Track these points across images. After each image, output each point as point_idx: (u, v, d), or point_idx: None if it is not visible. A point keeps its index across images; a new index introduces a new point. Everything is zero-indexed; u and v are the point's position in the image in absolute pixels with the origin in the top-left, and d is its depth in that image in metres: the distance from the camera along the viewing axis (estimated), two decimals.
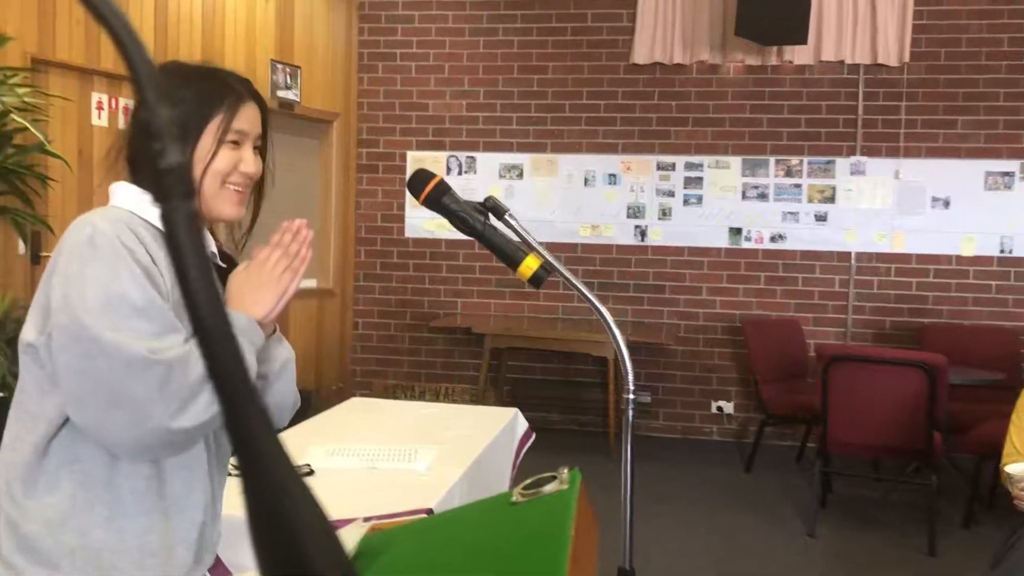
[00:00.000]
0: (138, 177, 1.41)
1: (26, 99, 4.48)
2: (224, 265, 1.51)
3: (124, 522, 1.31)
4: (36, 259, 4.86)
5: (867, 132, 6.38)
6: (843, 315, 6.43)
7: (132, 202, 1.38)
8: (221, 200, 1.43)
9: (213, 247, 1.52)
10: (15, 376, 3.96)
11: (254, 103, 1.46)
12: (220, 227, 1.54)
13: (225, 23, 5.82)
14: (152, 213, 1.35)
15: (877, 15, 6.20)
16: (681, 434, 6.68)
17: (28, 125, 4.30)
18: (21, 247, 4.79)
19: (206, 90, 1.40)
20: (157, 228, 1.34)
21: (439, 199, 1.53)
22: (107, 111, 5.17)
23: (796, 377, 5.91)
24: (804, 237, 6.46)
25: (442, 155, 6.94)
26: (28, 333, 1.31)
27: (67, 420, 1.29)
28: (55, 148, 4.55)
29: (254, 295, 1.40)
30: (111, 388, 1.19)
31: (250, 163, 1.45)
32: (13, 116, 4.30)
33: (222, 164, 1.41)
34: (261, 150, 1.51)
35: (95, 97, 5.12)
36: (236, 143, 1.43)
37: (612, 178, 6.70)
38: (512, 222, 1.53)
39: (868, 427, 4.44)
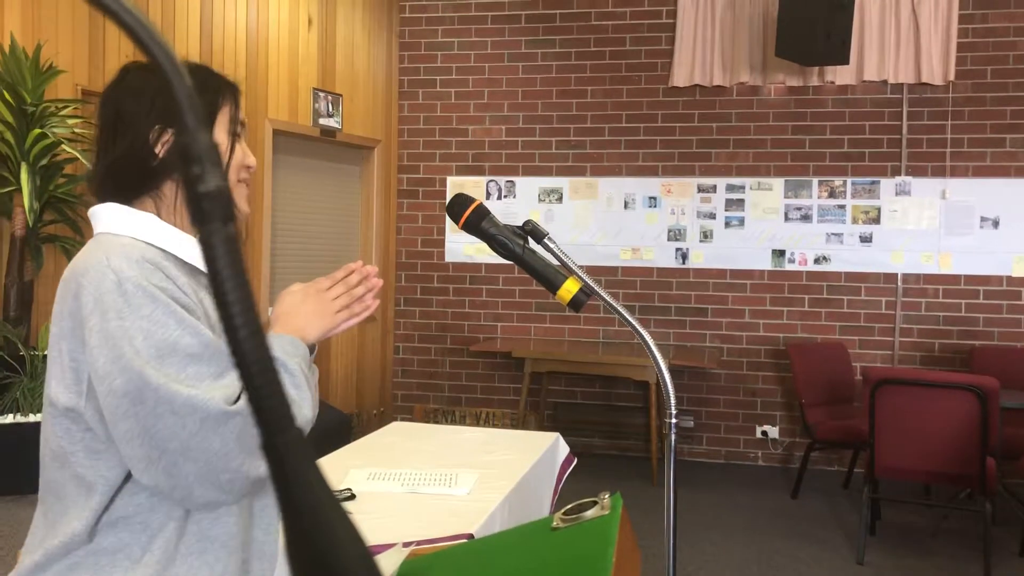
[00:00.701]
0: (125, 195, 1.31)
1: (76, 130, 4.60)
2: None
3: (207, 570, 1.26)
4: None
5: (912, 152, 6.29)
6: (890, 338, 6.31)
7: (130, 226, 1.28)
8: (238, 195, 1.37)
9: None
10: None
11: (239, 93, 1.39)
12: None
13: (268, 52, 5.93)
14: (157, 234, 1.27)
15: (920, 34, 6.13)
16: (725, 459, 6.58)
17: (78, 155, 4.41)
18: None
19: (207, 85, 1.33)
20: (165, 251, 1.27)
21: (478, 223, 1.54)
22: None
23: (843, 401, 5.80)
24: (849, 258, 6.37)
25: (482, 180, 6.97)
26: (61, 396, 1.21)
27: (127, 480, 1.22)
28: None
29: (305, 320, 1.35)
30: (184, 444, 1.13)
31: (251, 156, 1.40)
32: (64, 146, 4.41)
33: (238, 157, 1.36)
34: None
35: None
36: (239, 135, 1.37)
37: (652, 201, 6.68)
38: (551, 245, 1.53)
39: (918, 452, 4.34)
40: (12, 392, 4.14)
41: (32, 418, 4.14)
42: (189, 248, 1.30)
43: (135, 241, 1.25)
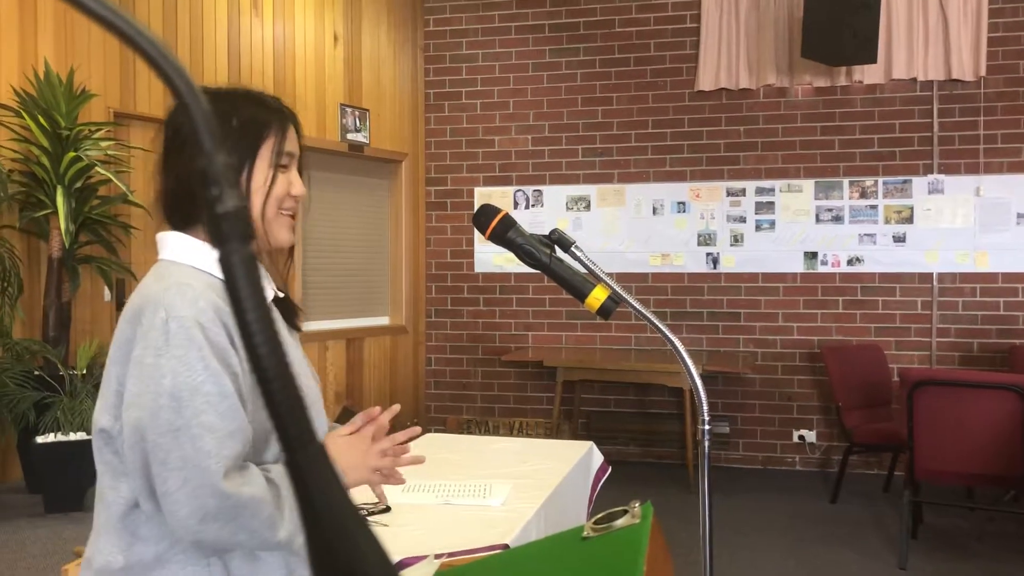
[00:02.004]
0: (188, 225, 1.35)
1: (109, 152, 4.68)
2: (282, 295, 1.46)
3: None
4: (121, 305, 5.03)
5: (944, 150, 6.21)
6: (927, 338, 6.22)
7: (191, 255, 1.32)
8: (279, 226, 1.38)
9: (270, 280, 1.43)
10: None
11: (291, 122, 1.40)
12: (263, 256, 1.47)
13: (295, 69, 5.99)
14: (214, 264, 1.29)
15: (950, 30, 6.06)
16: (762, 464, 6.52)
17: (111, 177, 4.49)
18: (107, 294, 4.96)
19: (253, 115, 1.34)
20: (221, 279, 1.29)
21: (504, 234, 1.53)
22: None
23: (880, 403, 5.72)
24: (882, 259, 6.29)
25: (509, 190, 6.99)
26: (100, 417, 1.26)
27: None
28: (137, 198, 4.73)
29: (342, 466, 1.37)
30: (173, 492, 1.17)
31: (299, 185, 1.40)
32: (98, 168, 4.49)
33: (279, 190, 1.36)
34: (299, 170, 1.44)
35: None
36: (284, 166, 1.37)
37: (681, 206, 6.64)
38: (578, 253, 1.52)
39: (959, 454, 4.27)
40: (53, 411, 4.20)
41: (72, 436, 4.20)
42: None
43: (196, 271, 1.29)
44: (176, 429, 1.16)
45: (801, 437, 6.45)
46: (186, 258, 1.32)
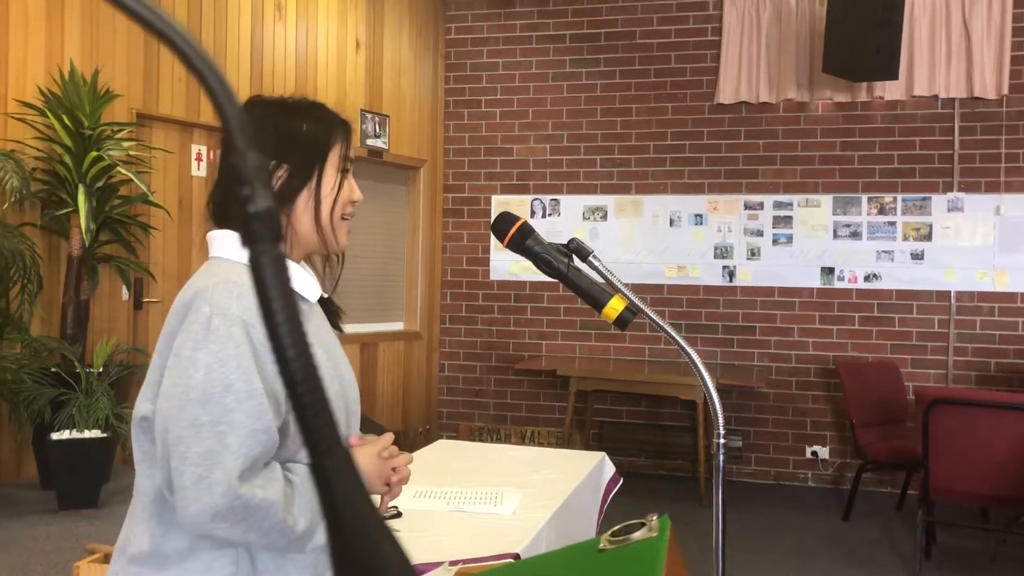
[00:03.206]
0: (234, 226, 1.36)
1: (131, 152, 4.71)
2: (327, 296, 1.49)
3: None
4: (139, 304, 5.06)
5: (964, 167, 6.17)
6: (943, 356, 6.17)
7: (242, 253, 1.35)
8: (341, 230, 1.43)
9: (316, 284, 1.47)
10: (118, 417, 4.09)
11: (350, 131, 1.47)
12: (316, 260, 1.51)
13: (317, 75, 6.02)
14: None
15: (972, 47, 6.02)
16: (774, 480, 6.48)
17: (132, 177, 4.52)
18: (124, 293, 4.99)
19: (323, 120, 1.41)
20: None
21: (522, 242, 1.53)
22: (206, 162, 5.38)
23: (895, 421, 5.68)
24: (900, 276, 6.25)
25: (526, 198, 6.99)
26: (141, 405, 1.29)
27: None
28: (157, 198, 4.76)
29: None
30: (185, 487, 1.18)
31: (358, 191, 1.46)
32: (119, 168, 4.52)
33: (345, 194, 1.42)
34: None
35: (195, 149, 5.34)
36: (347, 171, 1.44)
37: (698, 218, 6.63)
38: (596, 263, 1.52)
39: (974, 474, 4.23)
40: (68, 409, 4.22)
41: (87, 434, 4.22)
42: (297, 276, 1.36)
43: (246, 268, 1.29)
44: (200, 424, 1.17)
45: (814, 453, 6.41)
46: (236, 255, 1.34)
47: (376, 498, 1.52)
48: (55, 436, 4.19)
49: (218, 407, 1.18)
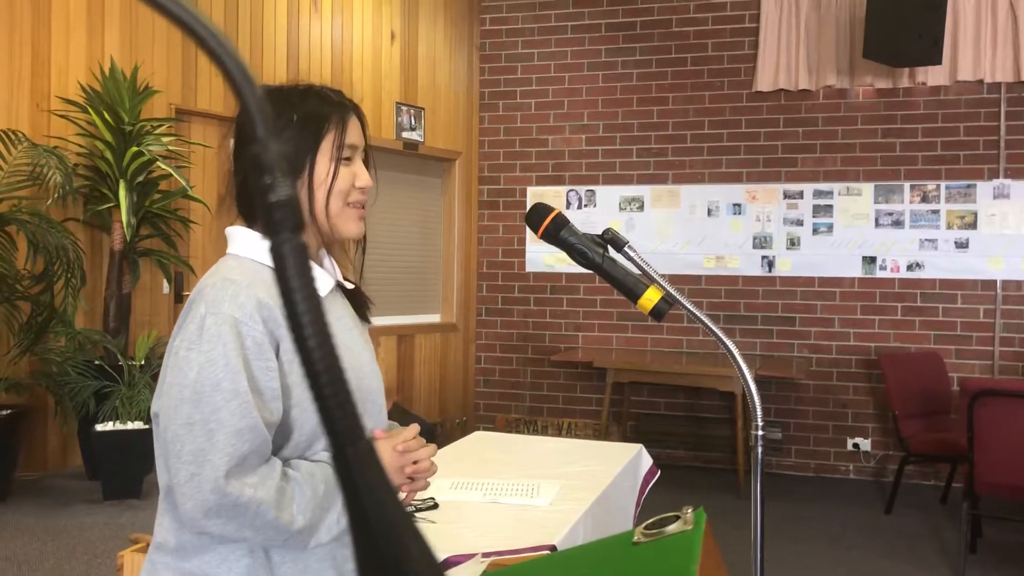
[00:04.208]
0: (253, 217, 1.36)
1: (170, 147, 4.77)
2: (352, 286, 1.49)
3: None
4: (179, 298, 5.13)
5: (1011, 154, 6.03)
6: (989, 347, 6.05)
7: (254, 249, 1.34)
8: (345, 219, 1.39)
9: (338, 273, 1.48)
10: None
11: (355, 114, 1.41)
12: (336, 248, 1.50)
13: (353, 68, 6.05)
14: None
15: (1020, 31, 5.88)
16: (815, 472, 6.41)
17: (172, 172, 4.57)
18: (165, 286, 5.06)
19: (312, 110, 1.36)
20: None
21: (557, 232, 1.52)
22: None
23: (939, 413, 5.58)
24: (944, 265, 6.13)
25: (562, 189, 6.97)
26: (153, 401, 1.30)
27: None
28: (196, 193, 4.82)
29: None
30: (181, 485, 1.21)
31: (365, 177, 1.41)
32: (159, 164, 4.58)
33: (343, 183, 1.37)
34: (365, 162, 1.44)
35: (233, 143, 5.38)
36: (348, 159, 1.38)
37: (737, 208, 6.56)
38: (631, 254, 1.50)
39: (1020, 467, 4.14)
40: (112, 401, 4.30)
41: (130, 425, 4.30)
42: None
43: (256, 265, 1.31)
44: (192, 423, 1.19)
45: (856, 445, 6.32)
46: (249, 252, 1.34)
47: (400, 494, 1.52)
48: (99, 427, 4.27)
49: (208, 406, 1.19)
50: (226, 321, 1.23)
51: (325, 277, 1.42)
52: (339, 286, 1.47)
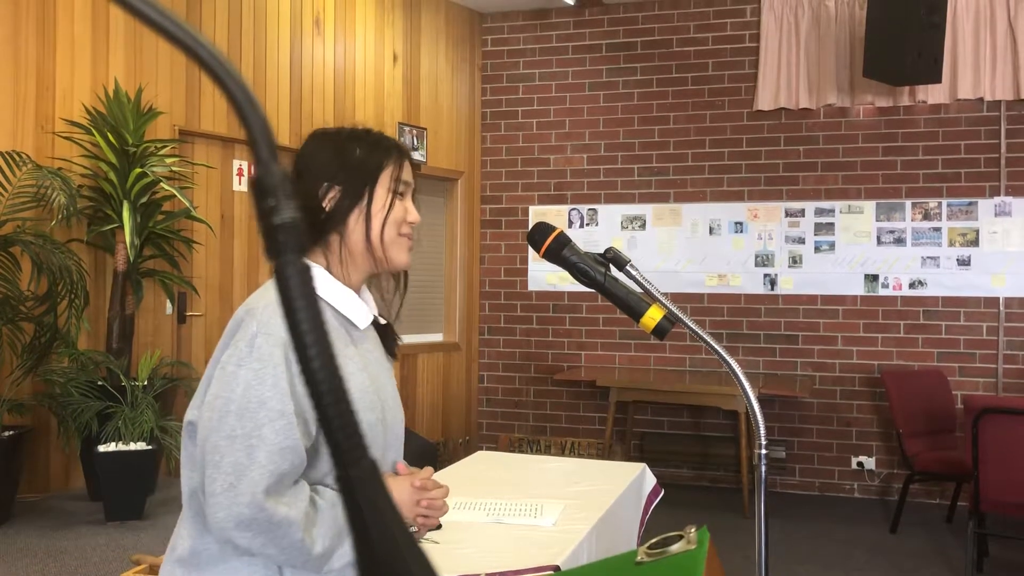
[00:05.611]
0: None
1: (174, 168, 4.79)
2: (384, 322, 1.56)
3: None
4: (183, 318, 5.13)
5: (1012, 171, 6.04)
6: (993, 364, 6.04)
7: None
8: (397, 248, 1.48)
9: (374, 307, 1.54)
10: (162, 429, 4.14)
11: (407, 157, 1.54)
12: (380, 280, 1.58)
13: (355, 89, 6.08)
14: (327, 289, 1.41)
15: (1019, 49, 5.91)
16: (819, 491, 6.38)
17: (176, 192, 4.59)
18: (168, 307, 5.07)
19: (375, 145, 1.48)
20: (325, 301, 1.39)
21: (559, 251, 1.53)
22: (247, 177, 5.45)
23: (943, 431, 5.56)
24: (946, 282, 6.13)
25: (564, 208, 6.98)
26: (192, 411, 1.35)
27: None
28: (199, 213, 4.83)
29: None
30: (215, 495, 1.25)
31: (415, 213, 1.52)
32: (162, 184, 4.60)
33: (398, 214, 1.47)
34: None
35: (236, 164, 5.41)
36: (402, 194, 1.50)
37: (738, 226, 6.57)
38: (633, 272, 1.51)
39: None
40: (114, 422, 4.29)
41: (133, 447, 4.29)
42: (347, 301, 1.44)
43: None
44: (235, 436, 1.24)
45: (860, 464, 6.30)
46: None
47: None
48: (102, 448, 4.26)
49: (251, 422, 1.24)
50: (278, 343, 1.29)
51: (365, 311, 1.48)
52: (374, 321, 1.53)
